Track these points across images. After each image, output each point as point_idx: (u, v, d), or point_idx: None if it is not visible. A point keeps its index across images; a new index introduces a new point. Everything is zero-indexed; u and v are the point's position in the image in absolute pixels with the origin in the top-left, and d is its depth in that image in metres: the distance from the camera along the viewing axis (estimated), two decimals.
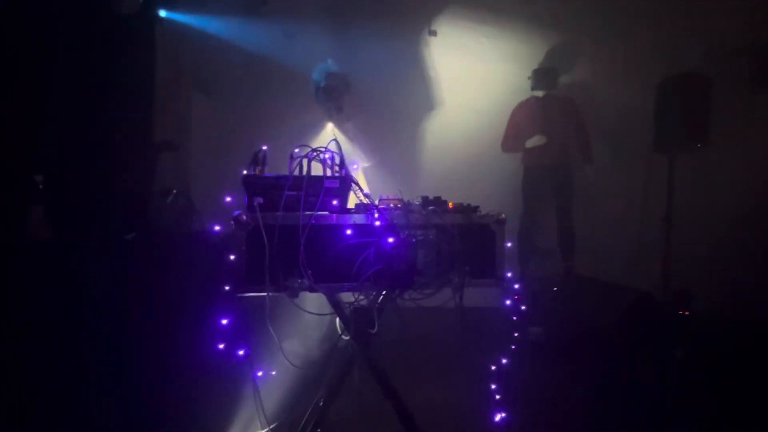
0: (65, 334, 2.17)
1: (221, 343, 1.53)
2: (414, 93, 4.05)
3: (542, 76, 3.75)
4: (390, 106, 3.86)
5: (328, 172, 1.45)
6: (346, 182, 1.44)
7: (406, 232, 1.42)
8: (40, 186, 2.48)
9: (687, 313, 2.84)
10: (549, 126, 3.67)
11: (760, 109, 3.38)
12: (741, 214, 3.33)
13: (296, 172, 1.43)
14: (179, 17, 3.81)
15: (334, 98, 2.75)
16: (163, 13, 3.75)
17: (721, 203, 3.43)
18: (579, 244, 3.68)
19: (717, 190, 3.47)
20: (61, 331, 2.18)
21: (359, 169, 2.40)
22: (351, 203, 1.52)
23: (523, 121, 3.80)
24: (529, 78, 3.81)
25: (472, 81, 4.07)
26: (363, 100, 3.04)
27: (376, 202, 1.49)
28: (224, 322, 1.48)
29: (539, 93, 3.77)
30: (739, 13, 3.44)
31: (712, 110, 3.11)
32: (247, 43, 3.86)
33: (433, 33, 4.11)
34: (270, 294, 1.36)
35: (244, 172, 1.42)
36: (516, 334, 1.66)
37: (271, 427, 1.58)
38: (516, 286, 1.58)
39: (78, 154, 2.89)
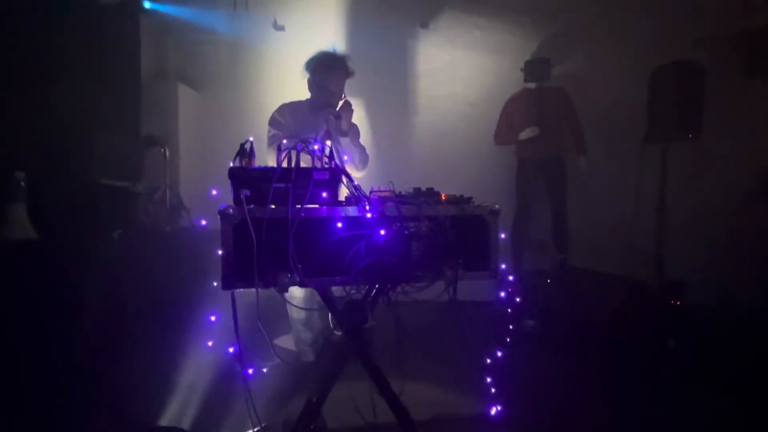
0: (50, 335, 2.12)
1: (210, 340, 1.50)
2: (406, 85, 4.01)
3: (535, 68, 3.73)
4: (382, 98, 3.81)
5: (318, 164, 1.41)
6: (336, 174, 1.40)
7: (398, 224, 1.38)
8: (22, 183, 2.41)
9: (679, 303, 2.86)
10: (542, 117, 3.65)
11: (753, 97, 3.38)
12: (734, 205, 3.35)
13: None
14: (164, 8, 3.72)
15: (332, 94, 2.28)
16: (147, 5, 3.66)
17: (713, 193, 3.44)
18: (572, 236, 3.68)
19: (710, 181, 3.48)
20: (46, 332, 2.13)
21: (350, 161, 2.32)
22: (342, 196, 1.49)
23: (515, 113, 3.78)
24: (521, 69, 3.79)
25: (464, 73, 4.03)
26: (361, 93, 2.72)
27: (368, 194, 1.46)
28: (212, 318, 1.45)
29: (532, 84, 3.75)
30: (732, 0, 3.43)
31: (705, 99, 3.10)
32: (235, 34, 3.79)
33: (425, 25, 4.07)
34: (259, 289, 1.32)
35: (231, 164, 1.37)
36: (511, 327, 1.64)
37: (262, 425, 1.55)
38: (510, 278, 1.56)
39: (61, 151, 2.82)
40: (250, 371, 1.47)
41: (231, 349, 1.44)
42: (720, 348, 2.44)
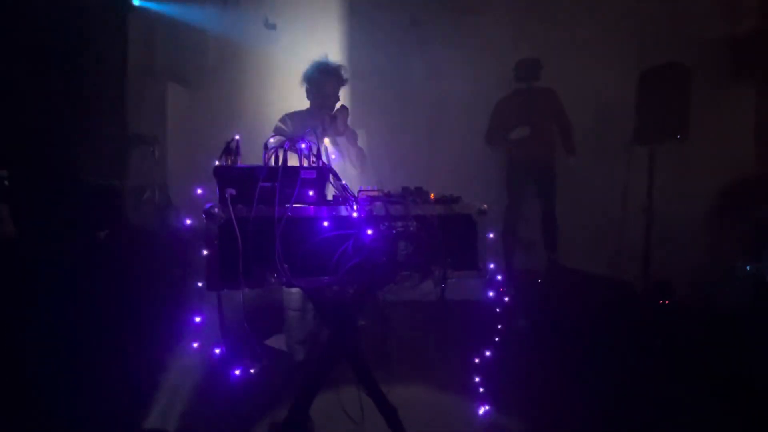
0: (32, 335, 2.08)
1: (195, 341, 1.47)
2: (396, 85, 4.01)
3: (525, 68, 3.74)
4: (371, 98, 3.80)
5: (305, 163, 1.40)
6: (323, 173, 1.39)
7: (386, 224, 1.38)
8: (5, 182, 2.37)
9: (667, 302, 2.89)
10: (532, 118, 3.67)
11: (738, 99, 3.44)
12: (720, 205, 3.40)
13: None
14: (153, 5, 3.67)
15: (327, 96, 2.43)
16: (136, 1, 3.61)
17: (700, 194, 3.49)
18: (562, 236, 3.71)
19: (697, 181, 3.53)
20: (28, 332, 2.09)
21: (338, 160, 2.33)
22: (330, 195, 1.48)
23: (506, 113, 3.79)
24: (512, 70, 3.80)
25: (455, 72, 4.04)
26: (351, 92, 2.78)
27: (356, 194, 1.45)
28: (198, 320, 1.42)
29: (522, 85, 3.77)
30: (718, 3, 3.48)
31: (692, 101, 3.15)
32: (224, 32, 3.75)
33: (417, 24, 4.06)
34: (245, 290, 1.31)
35: (216, 163, 1.36)
36: (500, 326, 1.64)
37: (249, 427, 1.53)
38: (499, 278, 1.56)
39: (46, 149, 2.77)
40: (237, 372, 1.44)
41: (217, 351, 1.41)
42: (708, 346, 2.47)
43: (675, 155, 3.48)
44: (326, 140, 2.00)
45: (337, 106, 2.44)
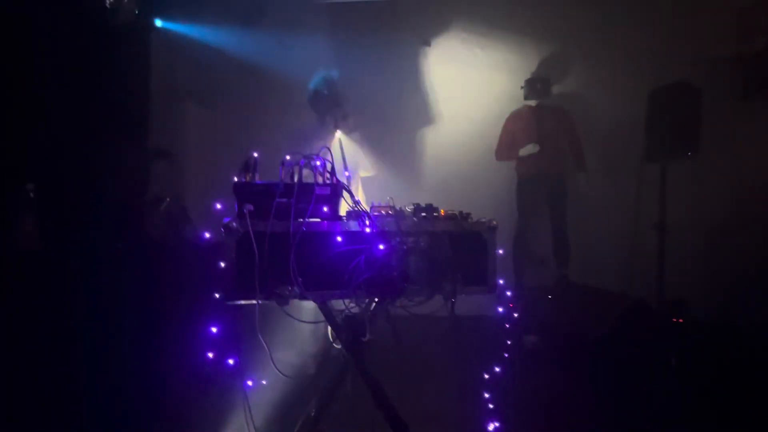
0: (55, 343, 2.14)
1: (210, 351, 1.51)
2: (408, 102, 4.08)
3: (535, 86, 3.79)
4: (384, 116, 3.88)
5: (320, 179, 1.45)
6: (337, 189, 1.44)
7: (398, 240, 1.42)
8: (31, 194, 2.47)
9: (680, 320, 2.84)
10: (542, 135, 3.70)
11: (749, 117, 3.43)
12: (732, 221, 3.36)
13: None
14: (175, 27, 3.83)
15: (337, 106, 2.66)
16: (158, 23, 3.78)
17: (712, 210, 3.46)
18: (573, 252, 3.69)
19: (708, 198, 3.50)
20: (52, 340, 2.15)
21: (352, 177, 2.41)
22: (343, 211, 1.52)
23: (516, 130, 3.83)
24: (522, 87, 3.86)
25: (465, 90, 4.11)
26: (365, 110, 2.97)
27: (368, 210, 1.49)
28: (214, 330, 1.47)
29: (532, 102, 3.81)
30: (728, 22, 3.51)
31: (703, 119, 3.15)
32: (243, 52, 3.89)
33: (428, 43, 4.16)
34: (260, 302, 1.35)
35: (235, 179, 1.42)
36: (509, 342, 1.65)
37: None
38: (509, 294, 1.58)
39: (70, 163, 2.88)
40: (250, 383, 1.48)
41: (231, 361, 1.45)
42: (721, 364, 2.42)
43: (686, 171, 3.47)
44: (338, 134, 2.17)
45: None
